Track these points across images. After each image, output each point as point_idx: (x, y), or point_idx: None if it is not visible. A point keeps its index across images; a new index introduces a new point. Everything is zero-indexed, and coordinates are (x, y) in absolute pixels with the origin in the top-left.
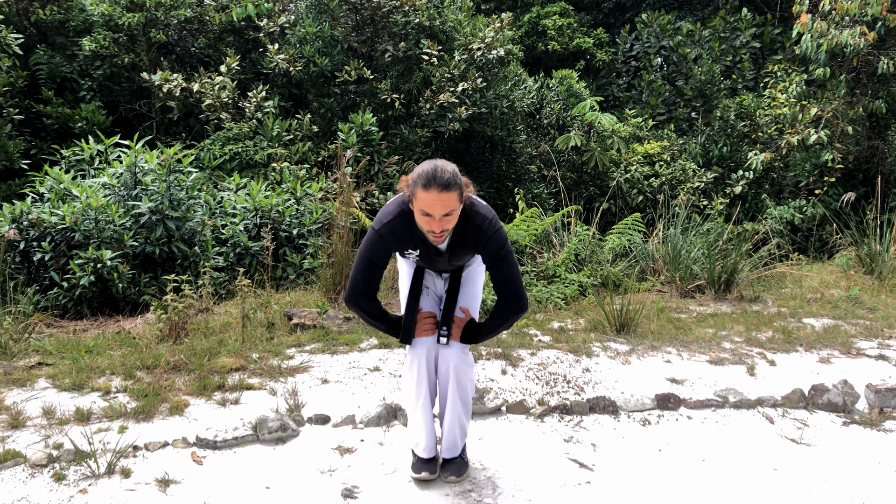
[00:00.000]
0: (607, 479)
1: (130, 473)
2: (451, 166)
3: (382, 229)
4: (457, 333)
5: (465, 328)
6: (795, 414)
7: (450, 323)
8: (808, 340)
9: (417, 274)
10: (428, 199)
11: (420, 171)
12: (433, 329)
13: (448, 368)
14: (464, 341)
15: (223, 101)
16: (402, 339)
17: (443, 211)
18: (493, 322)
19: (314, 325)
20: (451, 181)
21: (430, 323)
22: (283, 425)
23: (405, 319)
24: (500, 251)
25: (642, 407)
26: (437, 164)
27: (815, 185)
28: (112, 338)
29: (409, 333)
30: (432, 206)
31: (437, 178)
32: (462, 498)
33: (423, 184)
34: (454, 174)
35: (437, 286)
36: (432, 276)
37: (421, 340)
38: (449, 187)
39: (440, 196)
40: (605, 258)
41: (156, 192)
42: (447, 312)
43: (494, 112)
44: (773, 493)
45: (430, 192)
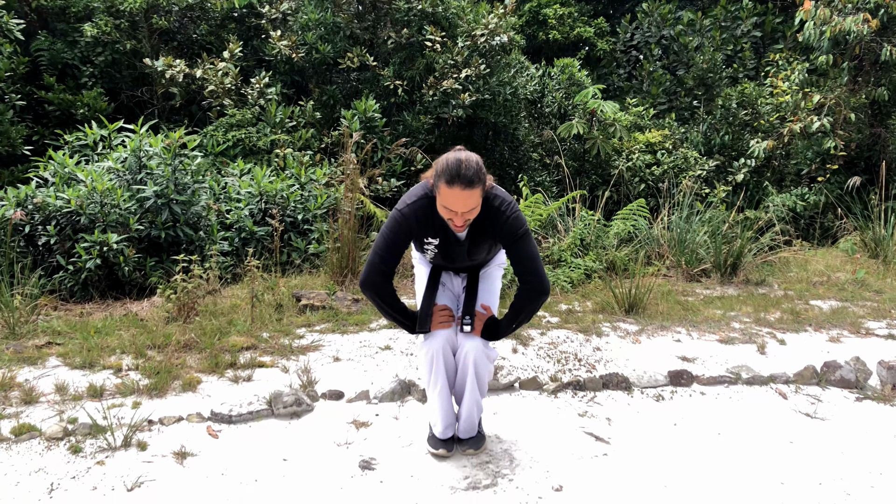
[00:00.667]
0: (624, 451)
1: (147, 446)
2: (474, 160)
3: (406, 209)
4: (479, 327)
5: (486, 323)
6: (808, 390)
7: (472, 313)
8: (816, 321)
9: (434, 272)
10: (451, 196)
11: (444, 166)
12: (449, 322)
13: (468, 359)
14: (485, 337)
15: (226, 87)
16: (418, 327)
17: (465, 208)
18: (513, 311)
19: (323, 306)
20: (475, 178)
21: (446, 315)
22: (298, 400)
23: (421, 309)
24: (519, 230)
25: (655, 383)
26: (461, 160)
27: (816, 172)
28: (120, 319)
29: (425, 323)
30: (455, 203)
31: (461, 176)
32: (480, 469)
33: (447, 180)
34: (478, 169)
35: (454, 285)
36: (449, 276)
37: (437, 333)
38: (473, 184)
39: (463, 193)
40: (611, 243)
41: (161, 176)
42: (468, 303)
43: (498, 99)
44: (790, 464)
45: (454, 188)
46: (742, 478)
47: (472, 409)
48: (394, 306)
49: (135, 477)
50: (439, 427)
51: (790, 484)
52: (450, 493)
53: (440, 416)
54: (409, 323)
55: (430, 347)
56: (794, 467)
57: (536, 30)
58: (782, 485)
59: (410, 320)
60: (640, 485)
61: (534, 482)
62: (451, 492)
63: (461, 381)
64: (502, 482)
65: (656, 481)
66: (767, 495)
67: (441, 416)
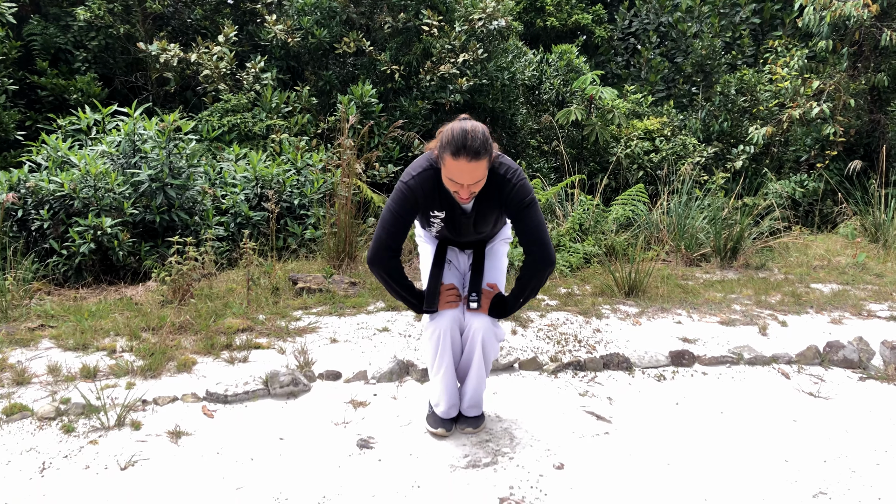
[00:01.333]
0: (626, 430)
1: (141, 426)
2: (480, 130)
3: (412, 182)
4: (486, 305)
5: (493, 301)
6: (811, 370)
7: (479, 290)
8: (818, 303)
9: (440, 249)
10: (457, 168)
11: (450, 136)
12: (457, 301)
13: (476, 337)
14: (492, 315)
15: (221, 71)
16: (426, 306)
17: (471, 180)
18: (519, 284)
19: (320, 289)
20: (481, 149)
21: (453, 295)
22: (295, 380)
23: (429, 287)
24: (525, 199)
25: (656, 363)
26: (466, 130)
27: (815, 159)
28: (114, 303)
29: (432, 302)
30: (461, 175)
31: (467, 147)
32: (480, 448)
33: (452, 151)
34: (484, 140)
35: (460, 262)
36: (455, 252)
37: (445, 312)
38: (479, 155)
39: (469, 165)
40: (609, 228)
41: (155, 160)
42: (475, 281)
43: (495, 84)
44: (794, 442)
45: (460, 160)
46: (745, 456)
47: (478, 386)
48: (401, 284)
49: (128, 456)
50: (442, 407)
51: (794, 461)
52: (449, 472)
53: (444, 396)
54: (417, 302)
55: (437, 327)
56: (799, 445)
57: (534, 16)
58: (786, 462)
59: (418, 299)
60: (642, 463)
61: (535, 460)
62: (450, 470)
63: (467, 359)
64: (503, 460)
65: (659, 459)
66: (772, 472)
67: (445, 396)
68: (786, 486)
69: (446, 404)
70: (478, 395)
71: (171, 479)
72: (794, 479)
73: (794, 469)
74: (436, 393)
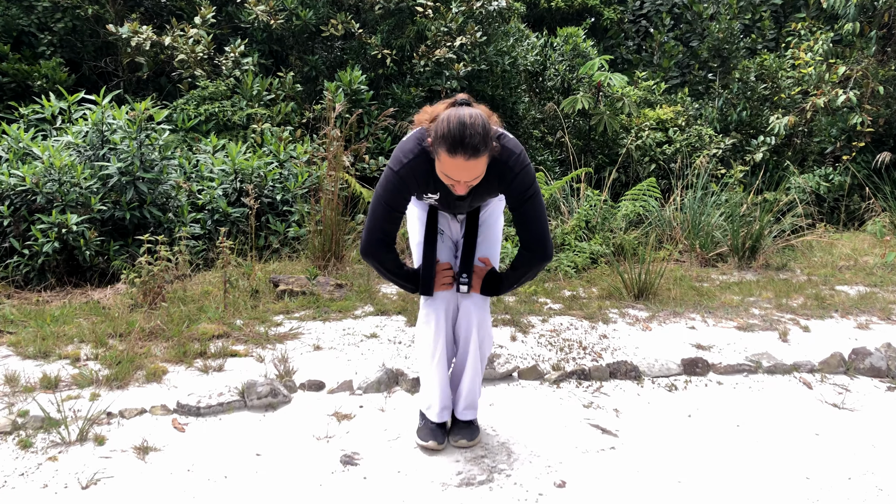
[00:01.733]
0: (633, 444)
1: (105, 441)
2: (480, 121)
3: (402, 170)
4: (477, 284)
5: (485, 278)
6: (835, 379)
7: (470, 270)
8: (843, 307)
9: (431, 217)
10: (453, 166)
11: (446, 129)
12: (452, 282)
13: (470, 322)
14: (484, 293)
15: (198, 56)
16: (422, 291)
17: (469, 177)
18: (514, 272)
19: (303, 291)
20: (480, 145)
21: (448, 276)
22: (274, 391)
23: (423, 270)
24: (528, 190)
25: (668, 372)
26: (465, 123)
27: (842, 151)
28: (80, 307)
29: (428, 286)
30: (458, 173)
31: (465, 144)
32: (474, 464)
33: (448, 148)
34: (485, 134)
35: (452, 230)
36: (447, 219)
37: (440, 294)
38: (478, 152)
39: (467, 164)
40: (618, 225)
41: (125, 152)
42: (466, 258)
43: (495, 69)
44: (816, 457)
45: (457, 158)
46: (763, 472)
47: (474, 381)
48: (398, 273)
49: (91, 473)
50: (435, 408)
51: (816, 479)
52: (440, 490)
53: (438, 394)
54: (412, 286)
55: (432, 308)
56: (821, 461)
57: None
58: (808, 480)
59: (413, 282)
60: (651, 480)
61: (534, 478)
62: (441, 488)
63: (463, 348)
64: (499, 478)
65: (669, 477)
66: (792, 491)
67: (439, 393)
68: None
69: (440, 403)
70: (474, 393)
71: (137, 498)
72: (817, 497)
73: (816, 487)
74: (429, 391)
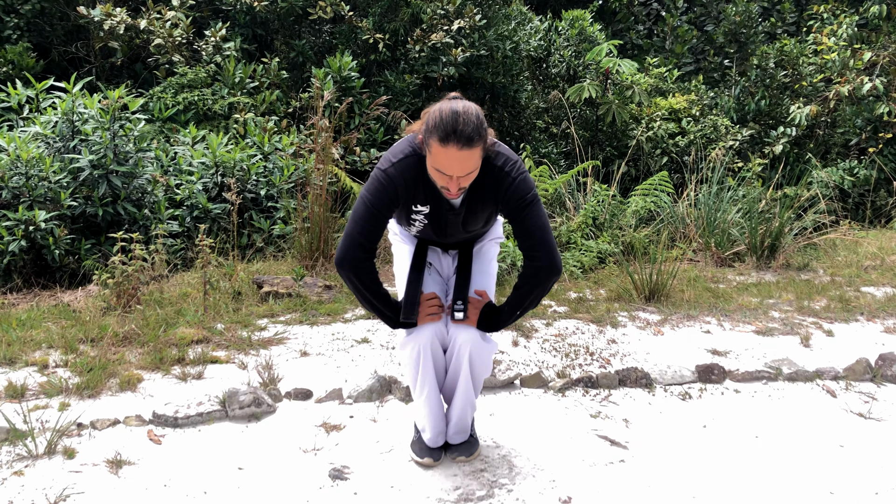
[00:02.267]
0: (645, 457)
1: (75, 454)
2: (474, 111)
3: (391, 169)
4: (474, 316)
5: (482, 312)
6: (861, 387)
7: (465, 297)
8: (869, 309)
9: (420, 249)
10: (445, 157)
11: (438, 119)
12: (439, 313)
13: (462, 355)
14: (482, 328)
15: (175, 41)
16: (403, 318)
17: (462, 172)
18: (518, 292)
19: (289, 293)
20: (474, 134)
21: (434, 306)
22: (258, 400)
23: (406, 295)
24: (527, 196)
25: (681, 380)
26: (457, 112)
27: (867, 143)
28: (48, 310)
29: (410, 313)
30: (450, 166)
31: (458, 133)
32: (473, 479)
33: (440, 137)
34: (478, 124)
35: (443, 265)
36: (437, 254)
37: (424, 326)
38: (472, 143)
39: (460, 154)
40: (628, 223)
41: (98, 144)
42: (460, 286)
43: (496, 55)
44: (840, 471)
45: (449, 148)
46: (784, 487)
47: (464, 409)
48: (374, 291)
49: (60, 489)
50: (428, 434)
51: (841, 494)
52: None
53: (429, 422)
54: (392, 314)
55: (416, 343)
56: (846, 475)
57: None
58: (832, 495)
59: (393, 311)
60: (663, 496)
61: (537, 493)
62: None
63: (452, 379)
64: (500, 493)
65: (683, 492)
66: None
67: (430, 422)
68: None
69: (433, 431)
70: (464, 420)
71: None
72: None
73: (840, 503)
74: (421, 418)
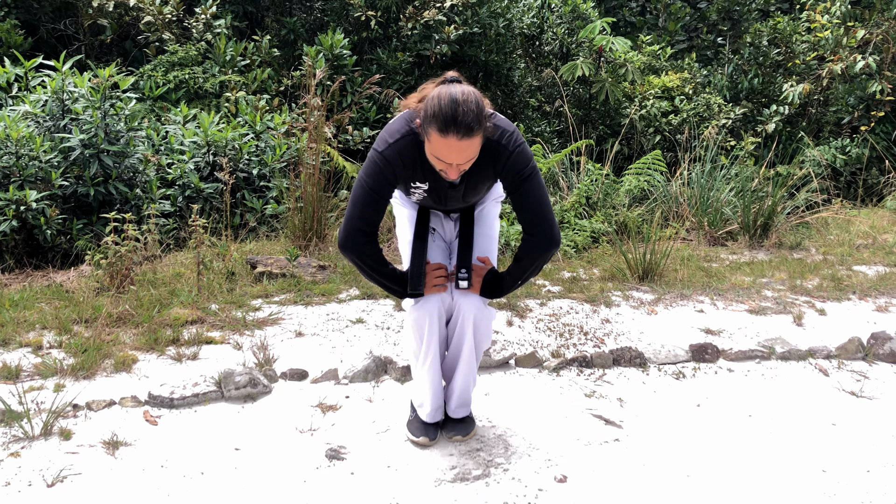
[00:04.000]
0: (639, 436)
1: (71, 435)
2: (473, 99)
3: (388, 151)
4: (477, 284)
5: (486, 278)
6: (853, 365)
7: (469, 265)
8: (861, 288)
9: (422, 216)
10: (445, 147)
11: (437, 108)
12: (445, 284)
13: (466, 322)
14: (484, 295)
15: (166, 18)
16: (411, 289)
17: (462, 160)
18: (518, 264)
19: (283, 273)
20: (474, 124)
21: (441, 276)
22: (253, 380)
23: (412, 266)
24: (525, 169)
25: (675, 359)
26: (457, 100)
27: (860, 121)
28: (41, 290)
29: (418, 284)
30: (449, 155)
31: (458, 122)
32: (469, 458)
33: (439, 127)
34: (478, 112)
35: (445, 230)
36: (439, 218)
37: (431, 296)
38: (471, 132)
39: (460, 144)
40: (621, 202)
41: (88, 123)
42: (463, 253)
43: (489, 33)
44: (833, 449)
45: (449, 138)
46: (777, 465)
47: (467, 380)
48: (379, 271)
49: (56, 470)
50: (427, 408)
51: (833, 472)
52: (434, 486)
53: (430, 395)
54: (398, 287)
55: (423, 311)
56: (838, 453)
57: None
58: (824, 473)
59: (399, 284)
60: (658, 474)
61: (533, 472)
62: (435, 484)
63: (456, 350)
64: (496, 472)
65: (677, 470)
66: (807, 485)
67: (431, 395)
68: (823, 501)
69: (432, 404)
70: (467, 392)
71: (106, 497)
72: (833, 491)
73: (832, 480)
74: (420, 391)
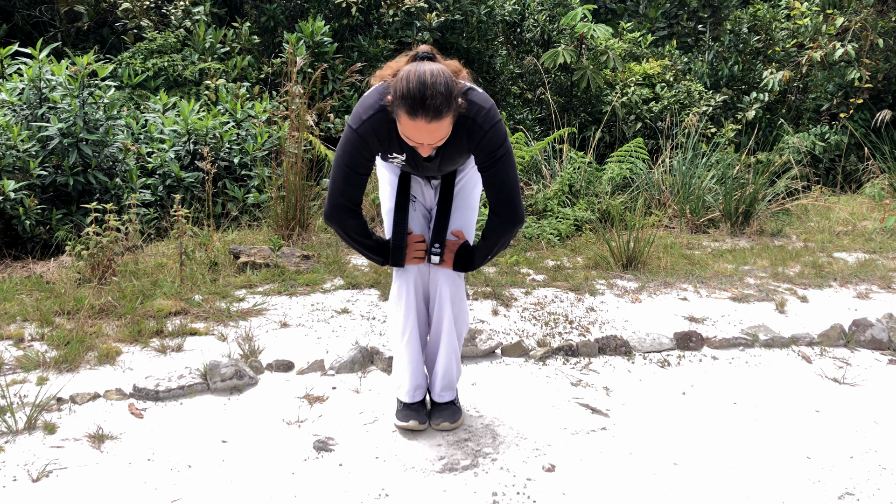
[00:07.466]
0: (626, 424)
1: (56, 429)
2: (443, 79)
3: (362, 128)
4: (449, 259)
5: (457, 253)
6: (835, 352)
7: (443, 240)
8: (842, 275)
9: (403, 181)
10: (414, 128)
11: (405, 90)
12: (423, 256)
13: (443, 298)
14: (457, 268)
15: (143, 4)
16: (392, 261)
17: (432, 140)
18: (485, 242)
19: (267, 263)
20: (443, 105)
21: (421, 248)
22: (239, 372)
23: (394, 238)
24: (499, 149)
25: (660, 347)
26: (425, 82)
27: (838, 108)
28: (21, 282)
29: (399, 256)
30: (419, 136)
31: (426, 105)
32: (457, 448)
33: (406, 110)
34: (447, 94)
35: (426, 196)
36: (420, 184)
37: (411, 266)
38: (440, 114)
39: (429, 126)
40: (604, 190)
41: (67, 112)
42: (439, 228)
43: (470, 20)
44: (817, 435)
45: (417, 121)
46: (762, 452)
47: (450, 360)
48: (363, 243)
49: (42, 464)
50: (405, 387)
51: (817, 458)
52: (422, 477)
53: (408, 372)
54: (381, 259)
55: (404, 281)
56: (822, 439)
57: None
58: (808, 459)
59: (381, 254)
60: (645, 462)
61: (521, 461)
62: (423, 475)
63: (436, 327)
64: (484, 462)
65: (664, 458)
66: (792, 471)
67: (409, 371)
68: (808, 487)
69: (411, 382)
70: (451, 372)
71: (93, 490)
72: (818, 478)
73: (817, 467)
74: (399, 369)
